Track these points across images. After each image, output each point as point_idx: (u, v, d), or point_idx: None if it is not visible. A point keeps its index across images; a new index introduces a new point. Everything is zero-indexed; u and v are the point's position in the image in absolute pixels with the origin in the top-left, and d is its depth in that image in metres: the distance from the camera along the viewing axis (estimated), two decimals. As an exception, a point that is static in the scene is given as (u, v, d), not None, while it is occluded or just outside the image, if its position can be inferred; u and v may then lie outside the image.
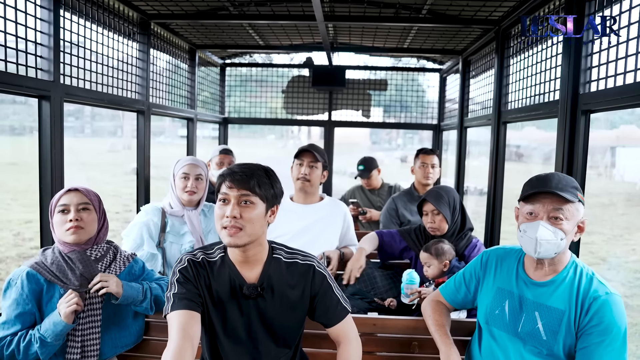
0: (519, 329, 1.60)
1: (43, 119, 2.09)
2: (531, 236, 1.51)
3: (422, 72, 4.88)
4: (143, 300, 1.83)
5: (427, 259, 2.32)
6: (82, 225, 1.72)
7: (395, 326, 1.94)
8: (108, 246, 1.85)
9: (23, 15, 1.97)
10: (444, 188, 2.53)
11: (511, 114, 2.80)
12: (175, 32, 3.62)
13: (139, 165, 3.09)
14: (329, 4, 2.98)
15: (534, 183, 1.56)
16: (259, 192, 1.45)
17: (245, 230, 1.43)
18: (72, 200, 1.72)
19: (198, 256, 1.55)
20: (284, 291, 1.54)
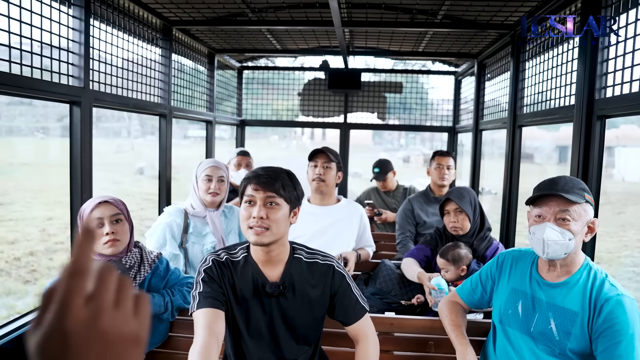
0: (532, 328, 1.64)
1: (74, 123, 2.18)
2: (539, 237, 1.56)
3: (438, 74, 4.91)
4: (164, 312, 1.91)
5: (444, 264, 2.35)
6: (117, 238, 1.79)
7: (412, 326, 1.98)
8: (136, 250, 1.92)
9: (57, 25, 2.06)
10: (465, 188, 2.57)
11: (526, 117, 2.83)
12: (196, 37, 3.70)
13: (161, 167, 3.18)
14: (347, 9, 3.04)
15: (541, 186, 1.62)
16: (283, 194, 1.52)
17: (271, 230, 1.50)
18: (104, 213, 1.78)
19: (222, 256, 1.62)
20: (305, 290, 1.60)
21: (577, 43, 2.19)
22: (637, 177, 17.56)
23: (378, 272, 2.61)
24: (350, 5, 3.00)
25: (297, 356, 1.65)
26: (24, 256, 7.56)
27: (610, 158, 19.19)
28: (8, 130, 26.35)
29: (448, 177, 3.24)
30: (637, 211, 12.82)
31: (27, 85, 1.84)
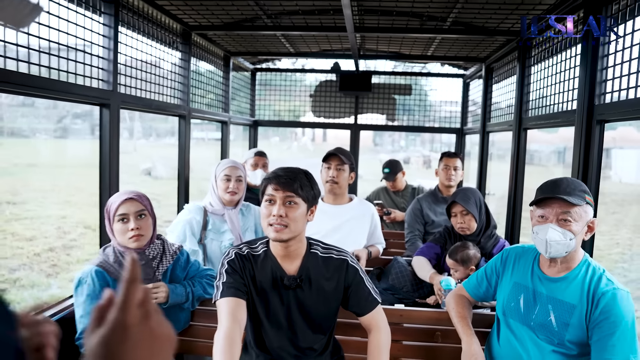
0: (532, 320, 1.74)
1: (103, 125, 2.32)
2: (542, 238, 1.66)
3: (446, 77, 5.01)
4: (186, 302, 2.03)
5: (453, 265, 2.43)
6: (142, 233, 1.90)
7: (420, 317, 2.09)
8: (159, 242, 2.04)
9: (90, 33, 2.21)
10: (470, 189, 2.65)
11: (531, 120, 2.94)
12: (212, 40, 3.84)
13: (180, 166, 3.31)
14: (359, 14, 3.15)
15: (544, 188, 1.71)
16: (302, 194, 1.63)
17: (290, 228, 1.61)
18: (130, 209, 1.89)
19: (244, 250, 1.74)
20: (320, 283, 1.71)
21: (580, 50, 2.30)
22: (634, 178, 17.70)
23: (390, 269, 2.72)
24: (363, 12, 3.11)
25: (312, 344, 1.76)
26: (44, 252, 7.87)
27: (608, 160, 19.31)
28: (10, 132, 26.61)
29: (455, 178, 3.32)
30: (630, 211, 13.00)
31: (63, 89, 1.99)
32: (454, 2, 2.78)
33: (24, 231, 8.91)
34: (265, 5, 3.03)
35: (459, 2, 2.77)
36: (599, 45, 2.10)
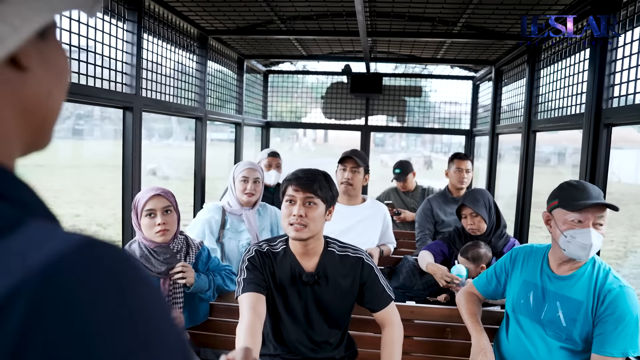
0: (542, 316, 1.80)
1: (126, 127, 2.42)
2: (585, 242, 1.67)
3: (456, 79, 5.07)
4: (208, 290, 2.11)
5: (464, 263, 2.48)
6: (167, 228, 1.98)
7: (431, 314, 2.15)
8: (182, 237, 2.13)
9: (114, 39, 2.31)
10: (479, 191, 2.70)
11: (540, 123, 2.99)
12: (227, 44, 3.93)
13: (196, 167, 3.41)
14: (371, 18, 3.22)
15: (578, 194, 1.71)
16: (321, 195, 1.70)
17: (309, 227, 1.68)
18: (157, 205, 1.97)
19: (264, 247, 1.81)
20: (337, 279, 1.78)
21: (588, 55, 2.35)
22: (632, 178, 17.86)
23: (401, 268, 2.79)
24: (375, 15, 3.18)
25: (328, 338, 1.83)
26: None
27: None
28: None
29: (467, 180, 3.37)
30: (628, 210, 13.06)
31: (90, 94, 2.08)
32: (466, 6, 2.84)
33: None
34: (279, 10, 3.11)
35: (471, 6, 2.83)
36: (607, 50, 2.16)
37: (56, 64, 0.48)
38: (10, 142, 0.44)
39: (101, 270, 0.36)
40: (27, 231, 0.35)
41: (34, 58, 0.44)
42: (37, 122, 0.46)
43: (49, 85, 0.47)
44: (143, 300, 0.37)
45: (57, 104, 0.49)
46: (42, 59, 0.46)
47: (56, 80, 0.48)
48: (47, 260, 0.34)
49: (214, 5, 2.89)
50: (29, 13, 0.40)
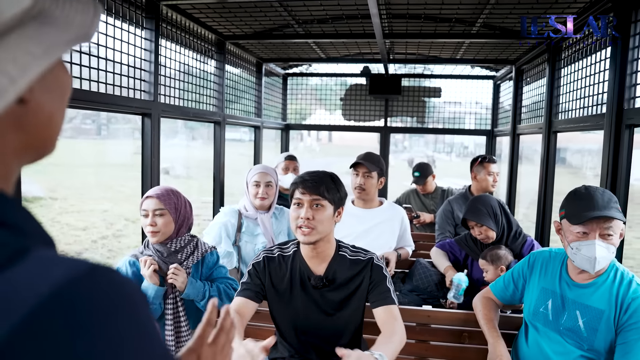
0: (561, 325, 1.75)
1: (145, 132, 2.47)
2: (589, 255, 1.64)
3: (476, 79, 5.00)
4: (202, 299, 2.08)
5: (483, 265, 2.48)
6: (156, 230, 2.00)
7: (447, 318, 2.13)
8: (190, 239, 2.12)
9: (133, 47, 2.36)
10: (479, 200, 2.65)
11: (561, 124, 2.93)
12: (245, 48, 3.97)
13: (215, 170, 3.45)
14: (387, 20, 3.21)
15: (582, 205, 1.66)
16: (328, 196, 1.70)
17: (317, 229, 1.68)
18: (149, 206, 2.00)
19: (274, 252, 1.83)
20: (346, 283, 1.76)
21: (609, 54, 2.30)
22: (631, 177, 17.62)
23: (414, 270, 2.77)
24: (391, 16, 3.17)
25: (339, 341, 1.79)
26: (99, 239, 8.93)
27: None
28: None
29: (497, 183, 3.34)
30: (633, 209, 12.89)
31: (110, 102, 2.14)
32: (483, 5, 2.80)
33: (76, 222, 9.96)
34: (295, 14, 3.13)
35: (488, 6, 2.79)
36: (629, 49, 2.10)
37: (59, 89, 0.49)
38: (8, 166, 0.45)
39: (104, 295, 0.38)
40: (33, 260, 0.37)
41: (36, 91, 0.45)
42: (38, 142, 0.48)
43: (50, 110, 0.48)
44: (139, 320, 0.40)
45: (59, 122, 0.50)
46: (45, 88, 0.47)
47: (58, 103, 0.49)
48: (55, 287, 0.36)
49: (230, 11, 2.93)
50: (26, 60, 0.41)
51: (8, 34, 0.40)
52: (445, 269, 2.61)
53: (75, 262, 0.39)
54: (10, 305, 0.34)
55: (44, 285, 0.36)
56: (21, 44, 0.41)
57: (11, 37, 0.40)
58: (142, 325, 0.40)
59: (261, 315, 2.19)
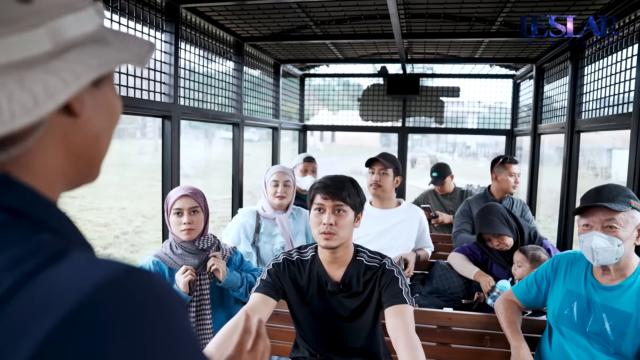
0: (587, 328, 1.72)
1: (165, 135, 2.50)
2: (588, 246, 1.66)
3: (496, 78, 4.94)
4: (240, 287, 2.15)
5: (521, 260, 2.43)
6: (192, 227, 2.06)
7: (468, 321, 2.10)
8: (214, 239, 2.18)
9: (153, 50, 2.38)
10: (488, 210, 2.63)
11: (585, 123, 2.87)
12: (263, 49, 3.99)
13: (234, 172, 3.47)
14: (406, 19, 3.18)
15: (587, 197, 1.71)
16: (349, 202, 1.69)
17: (339, 235, 1.67)
18: (184, 205, 2.05)
19: (293, 256, 1.83)
20: (361, 290, 1.75)
21: (636, 51, 2.24)
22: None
23: (434, 272, 2.75)
24: (410, 16, 3.14)
25: (359, 345, 1.79)
26: (120, 235, 9.35)
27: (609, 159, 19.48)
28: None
29: (518, 184, 3.30)
30: None
31: (132, 105, 2.17)
32: (503, 4, 2.77)
33: (97, 219, 10.39)
34: (312, 14, 3.13)
35: (508, 5, 2.76)
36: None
37: (107, 108, 0.52)
38: (57, 180, 0.48)
39: (143, 295, 0.40)
40: (72, 260, 0.40)
41: (86, 105, 0.48)
42: (84, 162, 0.51)
43: (98, 129, 0.51)
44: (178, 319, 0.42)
45: (105, 145, 0.53)
46: (95, 105, 0.50)
47: (106, 123, 0.52)
48: (96, 284, 0.38)
49: (248, 13, 2.94)
50: (81, 69, 0.45)
51: (68, 51, 0.45)
52: (477, 274, 2.55)
53: (114, 263, 0.41)
54: (54, 301, 0.36)
55: (85, 283, 0.37)
56: (79, 58, 0.45)
57: (70, 53, 0.45)
58: (178, 326, 0.41)
59: (280, 317, 2.20)
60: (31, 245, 0.40)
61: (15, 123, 0.41)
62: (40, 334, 0.35)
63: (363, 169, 2.95)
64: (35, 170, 0.46)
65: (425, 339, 2.06)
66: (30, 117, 0.42)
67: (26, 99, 0.42)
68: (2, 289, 0.37)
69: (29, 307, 0.36)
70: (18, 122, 0.41)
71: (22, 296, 0.36)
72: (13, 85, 0.42)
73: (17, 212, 0.43)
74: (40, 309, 0.36)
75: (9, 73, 0.42)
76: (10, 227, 0.41)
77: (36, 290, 0.37)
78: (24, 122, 0.42)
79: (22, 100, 0.41)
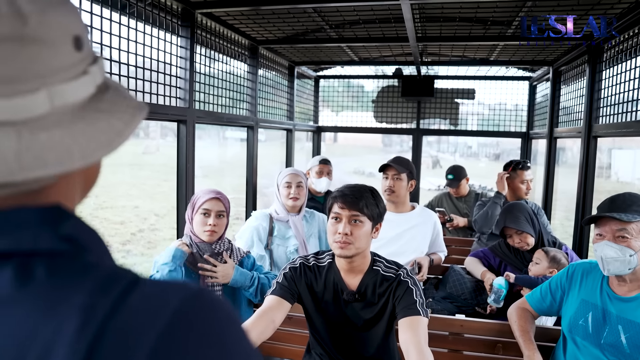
0: (602, 340, 1.70)
1: (180, 138, 2.53)
2: (598, 255, 1.66)
3: (512, 80, 4.88)
4: (251, 286, 2.17)
5: (542, 258, 2.42)
6: (216, 230, 2.12)
7: (481, 328, 2.09)
8: (229, 243, 2.23)
9: (169, 56, 2.41)
10: (515, 207, 2.63)
11: (602, 128, 2.83)
12: (278, 52, 4.00)
13: (248, 174, 3.49)
14: (421, 22, 3.17)
15: (601, 206, 1.72)
16: (367, 212, 1.68)
17: (354, 245, 1.67)
18: (213, 207, 2.10)
19: (310, 261, 1.83)
20: (376, 299, 1.74)
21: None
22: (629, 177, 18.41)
23: (447, 277, 2.75)
24: (425, 19, 3.13)
25: (372, 354, 1.80)
26: (137, 232, 9.75)
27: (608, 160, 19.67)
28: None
29: (531, 190, 3.26)
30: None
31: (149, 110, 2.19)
32: (520, 6, 2.74)
33: (113, 217, 10.78)
34: (327, 18, 3.13)
35: (524, 9, 2.73)
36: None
37: None
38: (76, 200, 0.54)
39: (215, 309, 0.46)
40: (148, 285, 0.45)
41: None
42: (90, 184, 0.56)
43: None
44: (241, 337, 0.48)
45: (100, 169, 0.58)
46: None
47: None
48: (182, 300, 0.44)
49: (263, 17, 2.95)
50: (129, 112, 0.51)
51: (104, 92, 0.51)
52: (482, 273, 2.59)
53: (183, 285, 0.47)
54: (152, 316, 0.42)
55: (173, 301, 0.44)
56: (119, 100, 0.52)
57: (108, 94, 0.51)
58: (243, 335, 0.47)
59: (293, 321, 2.22)
60: (107, 273, 0.45)
61: (95, 156, 0.47)
62: (147, 346, 0.40)
63: (366, 169, 2.97)
64: (64, 194, 0.51)
65: (437, 345, 2.07)
66: (107, 152, 0.48)
67: (100, 136, 0.47)
68: (104, 310, 0.41)
69: (130, 324, 0.41)
70: (97, 155, 0.47)
71: (123, 315, 0.42)
72: (82, 123, 0.47)
73: (72, 240, 0.47)
74: (141, 327, 0.41)
75: (74, 113, 0.47)
76: (74, 256, 0.46)
77: (132, 310, 0.42)
78: (101, 155, 0.48)
79: (97, 137, 0.47)
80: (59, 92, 0.45)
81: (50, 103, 0.45)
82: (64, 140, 0.45)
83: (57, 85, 0.45)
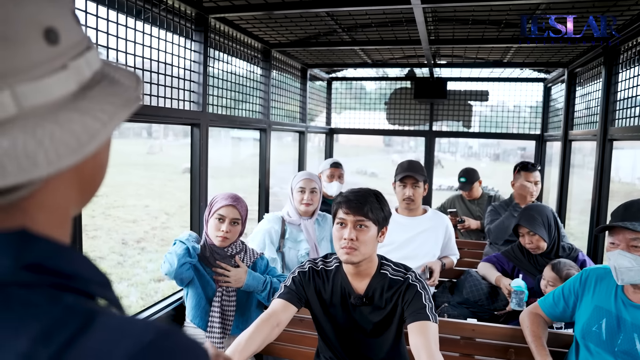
0: (616, 347, 1.68)
1: (194, 142, 2.55)
2: (612, 264, 1.64)
3: (526, 82, 4.83)
4: (263, 290, 2.21)
5: (553, 279, 2.33)
6: (228, 237, 2.15)
7: (493, 333, 2.08)
8: (242, 246, 2.26)
9: (182, 60, 2.44)
10: (536, 208, 2.59)
11: (618, 131, 2.79)
12: (290, 54, 4.02)
13: (261, 177, 3.52)
14: (433, 24, 3.16)
15: (614, 213, 1.70)
16: (372, 217, 1.68)
17: (360, 250, 1.67)
18: (228, 214, 2.13)
19: (318, 265, 1.84)
20: (383, 303, 1.75)
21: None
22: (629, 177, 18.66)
23: (464, 282, 2.72)
24: (437, 22, 3.11)
25: (381, 357, 1.80)
26: (150, 230, 10.06)
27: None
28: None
29: (535, 193, 3.21)
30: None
31: (164, 114, 2.23)
32: (535, 7, 2.71)
33: (126, 215, 11.04)
34: (340, 21, 3.14)
35: (538, 10, 2.70)
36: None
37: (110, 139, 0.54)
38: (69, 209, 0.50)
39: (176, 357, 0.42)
40: (102, 326, 0.41)
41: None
42: (91, 189, 0.53)
43: (105, 159, 0.53)
44: None
45: (105, 168, 0.54)
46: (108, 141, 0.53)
47: (109, 152, 0.54)
48: (132, 351, 0.39)
49: (276, 21, 2.97)
50: (111, 109, 0.46)
51: (91, 88, 0.46)
52: (497, 279, 2.57)
53: (141, 329, 0.42)
54: None
55: (126, 349, 0.39)
56: (103, 97, 0.47)
57: (94, 90, 0.46)
58: None
59: (305, 323, 2.23)
60: (58, 314, 0.40)
61: (62, 162, 0.41)
62: None
63: (368, 169, 2.97)
64: (49, 204, 0.46)
65: (448, 350, 2.06)
66: (76, 157, 0.42)
67: (69, 139, 0.42)
68: None
69: None
70: (65, 161, 0.41)
71: None
72: (51, 125, 0.41)
73: (38, 267, 0.42)
74: None
75: (44, 114, 0.42)
76: (33, 288, 0.41)
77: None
78: (70, 161, 0.42)
79: (66, 140, 0.41)
80: (27, 91, 0.41)
81: (16, 104, 0.40)
82: (28, 147, 0.40)
83: (24, 85, 0.41)
